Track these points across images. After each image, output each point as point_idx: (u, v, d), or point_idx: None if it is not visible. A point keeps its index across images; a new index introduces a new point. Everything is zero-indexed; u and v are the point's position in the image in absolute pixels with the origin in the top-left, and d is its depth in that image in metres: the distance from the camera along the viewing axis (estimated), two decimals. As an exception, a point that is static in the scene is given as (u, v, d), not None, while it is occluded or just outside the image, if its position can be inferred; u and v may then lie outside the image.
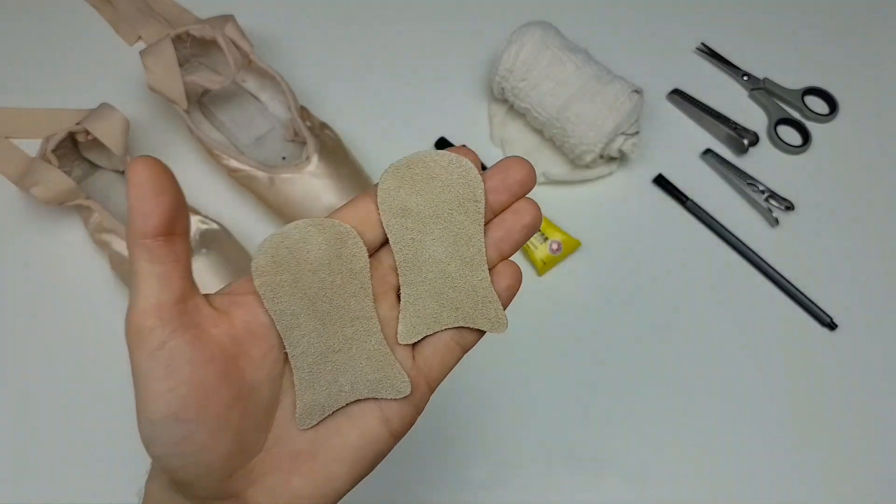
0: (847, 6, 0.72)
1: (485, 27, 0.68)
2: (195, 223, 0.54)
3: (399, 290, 0.29)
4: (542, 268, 0.58)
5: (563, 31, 0.62)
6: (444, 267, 0.29)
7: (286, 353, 0.28)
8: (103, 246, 0.54)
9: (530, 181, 0.29)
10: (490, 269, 0.29)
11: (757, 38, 0.70)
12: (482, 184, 0.28)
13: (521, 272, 0.30)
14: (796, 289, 0.58)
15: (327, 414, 0.28)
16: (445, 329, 0.29)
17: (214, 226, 0.55)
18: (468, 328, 0.30)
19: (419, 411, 0.30)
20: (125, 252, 0.54)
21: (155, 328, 0.24)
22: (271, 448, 0.28)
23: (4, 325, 0.55)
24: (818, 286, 0.58)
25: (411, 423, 0.30)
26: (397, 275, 0.29)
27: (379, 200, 0.28)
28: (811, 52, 0.69)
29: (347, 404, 0.29)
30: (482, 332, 0.30)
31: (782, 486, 0.52)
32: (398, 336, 0.29)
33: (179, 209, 0.25)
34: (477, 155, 0.29)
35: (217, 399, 0.25)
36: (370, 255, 0.29)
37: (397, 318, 0.29)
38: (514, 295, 0.30)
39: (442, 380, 0.30)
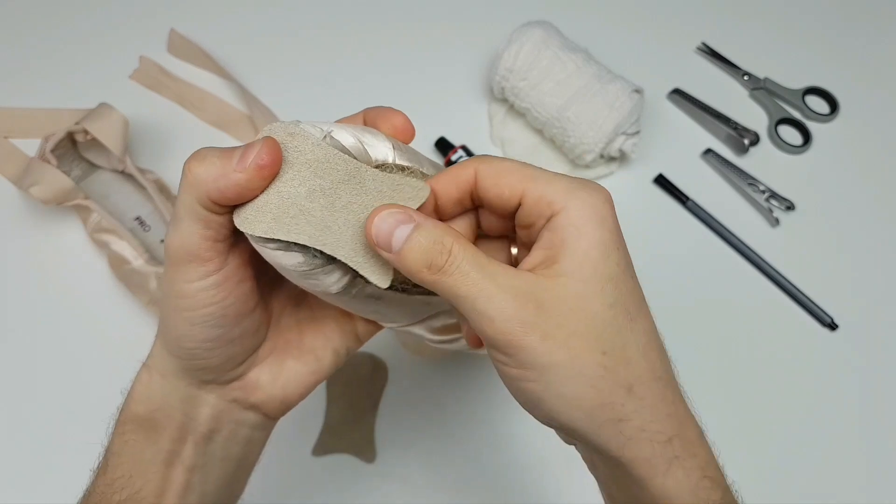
0: (848, 6, 0.72)
1: (485, 27, 0.68)
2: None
3: None
4: (542, 268, 0.58)
5: (563, 31, 0.61)
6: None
7: None
8: (102, 246, 0.54)
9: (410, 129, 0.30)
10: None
11: (758, 37, 0.70)
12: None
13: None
14: (797, 289, 0.58)
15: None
16: None
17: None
18: None
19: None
20: (124, 252, 0.53)
21: (212, 257, 0.28)
22: (270, 337, 0.33)
23: (3, 324, 0.55)
24: (819, 286, 0.58)
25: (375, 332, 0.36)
26: None
27: None
28: (812, 52, 0.69)
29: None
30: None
31: (781, 487, 0.52)
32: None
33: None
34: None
35: (248, 306, 0.30)
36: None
37: None
38: None
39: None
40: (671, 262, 0.59)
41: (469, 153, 0.61)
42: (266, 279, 0.32)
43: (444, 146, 0.62)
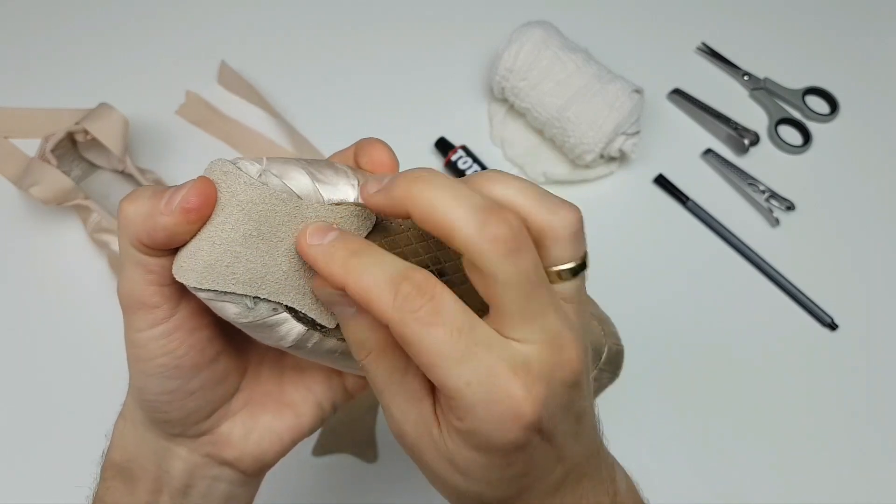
0: (848, 6, 0.72)
1: (485, 27, 0.68)
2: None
3: None
4: (542, 268, 0.58)
5: (563, 31, 0.61)
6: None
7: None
8: (102, 246, 0.54)
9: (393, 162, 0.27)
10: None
11: (758, 37, 0.70)
12: None
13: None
14: (797, 289, 0.58)
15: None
16: None
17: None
18: None
19: None
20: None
21: (160, 304, 0.26)
22: (244, 388, 0.31)
23: (3, 324, 0.55)
24: (819, 286, 0.58)
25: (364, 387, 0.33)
26: None
27: None
28: (812, 52, 0.69)
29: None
30: None
31: (781, 487, 0.52)
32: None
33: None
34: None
35: (207, 356, 0.28)
36: None
37: None
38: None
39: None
40: (671, 262, 0.59)
41: (469, 153, 0.61)
42: None
43: (444, 146, 0.62)
